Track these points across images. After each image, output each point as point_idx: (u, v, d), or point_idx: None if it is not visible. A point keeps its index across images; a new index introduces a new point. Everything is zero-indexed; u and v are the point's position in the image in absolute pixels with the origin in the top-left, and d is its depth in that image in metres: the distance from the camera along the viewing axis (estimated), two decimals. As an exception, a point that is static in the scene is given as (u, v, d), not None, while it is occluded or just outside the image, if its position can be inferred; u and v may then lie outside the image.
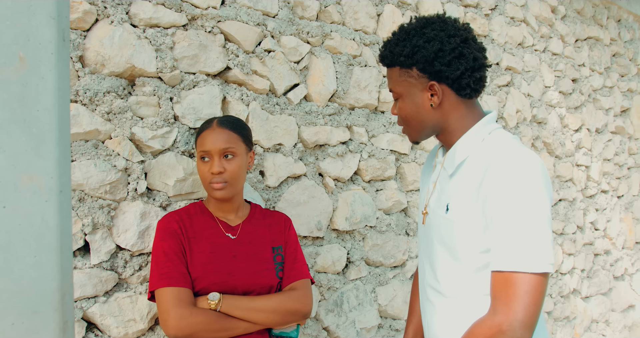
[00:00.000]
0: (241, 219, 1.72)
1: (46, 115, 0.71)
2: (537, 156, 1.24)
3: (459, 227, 1.30)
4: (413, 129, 1.43)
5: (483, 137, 1.35)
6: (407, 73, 1.37)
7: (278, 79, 2.14)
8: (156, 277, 1.51)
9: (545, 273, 1.15)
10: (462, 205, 1.30)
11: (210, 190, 1.63)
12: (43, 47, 0.71)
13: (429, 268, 1.45)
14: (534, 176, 1.20)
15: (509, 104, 3.29)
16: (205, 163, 1.63)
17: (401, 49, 1.35)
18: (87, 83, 1.65)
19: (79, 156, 1.64)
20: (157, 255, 1.56)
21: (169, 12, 1.82)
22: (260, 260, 1.64)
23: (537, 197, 1.18)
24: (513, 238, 1.17)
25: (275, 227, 1.75)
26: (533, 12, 3.54)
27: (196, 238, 1.61)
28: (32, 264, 0.70)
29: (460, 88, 1.34)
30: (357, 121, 2.45)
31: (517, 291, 1.13)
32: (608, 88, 4.32)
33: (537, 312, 1.14)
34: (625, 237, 4.48)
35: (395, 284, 2.61)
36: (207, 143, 1.63)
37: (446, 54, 1.31)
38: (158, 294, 1.49)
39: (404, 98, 1.40)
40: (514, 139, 1.33)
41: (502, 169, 1.21)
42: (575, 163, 3.92)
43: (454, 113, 1.37)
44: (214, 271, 1.56)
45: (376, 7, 2.55)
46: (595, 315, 4.14)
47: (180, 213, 1.66)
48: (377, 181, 2.55)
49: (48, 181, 0.71)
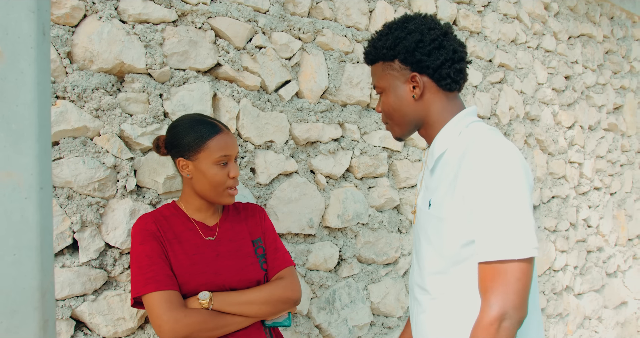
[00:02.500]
0: (217, 217, 1.67)
1: (25, 110, 0.69)
2: (513, 145, 1.25)
3: (441, 222, 1.31)
4: (396, 124, 1.45)
5: (460, 130, 1.36)
6: (389, 66, 1.41)
7: (269, 76, 2.12)
8: (142, 282, 1.45)
9: (532, 257, 1.17)
10: (442, 199, 1.31)
11: (224, 196, 1.58)
12: (22, 42, 0.69)
13: (417, 266, 1.46)
14: (510, 163, 1.20)
15: (501, 101, 3.29)
16: (223, 167, 1.56)
17: (384, 42, 1.39)
18: (75, 79, 1.63)
19: (67, 153, 1.62)
20: (139, 259, 1.49)
21: (159, 8, 1.80)
22: (243, 255, 1.62)
23: (515, 183, 1.18)
24: (496, 226, 1.17)
25: (251, 220, 1.72)
26: (526, 9, 3.54)
27: (176, 240, 1.56)
28: (11, 262, 0.69)
29: (441, 78, 1.37)
30: (349, 118, 2.44)
31: (508, 279, 1.15)
32: (601, 85, 4.32)
33: (527, 294, 1.16)
34: (617, 234, 4.50)
35: (387, 281, 2.61)
36: (228, 147, 1.56)
37: (426, 45, 1.35)
38: (147, 299, 1.44)
39: (387, 92, 1.43)
40: (490, 130, 1.33)
41: (477, 158, 1.22)
42: (568, 160, 3.92)
43: (434, 105, 1.40)
44: (199, 273, 1.53)
45: (368, 4, 2.54)
46: (588, 311, 4.15)
47: (156, 215, 1.59)
48: (370, 178, 2.54)
49: (28, 177, 0.70)
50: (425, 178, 1.46)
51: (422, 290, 1.41)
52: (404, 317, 2.69)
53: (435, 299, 1.37)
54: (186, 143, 1.54)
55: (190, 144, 1.54)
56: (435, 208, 1.33)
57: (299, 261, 2.24)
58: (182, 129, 1.57)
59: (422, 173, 1.50)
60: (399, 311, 2.65)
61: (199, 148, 1.53)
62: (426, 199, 1.40)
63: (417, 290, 1.44)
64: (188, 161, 1.55)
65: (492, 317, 1.14)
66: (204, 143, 1.53)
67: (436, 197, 1.34)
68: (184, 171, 1.57)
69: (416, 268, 1.46)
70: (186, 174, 1.57)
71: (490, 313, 1.15)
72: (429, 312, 1.39)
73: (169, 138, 1.59)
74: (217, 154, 1.53)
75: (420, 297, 1.42)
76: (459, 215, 1.26)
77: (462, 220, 1.26)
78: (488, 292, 1.17)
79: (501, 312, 1.14)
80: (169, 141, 1.59)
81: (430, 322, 1.38)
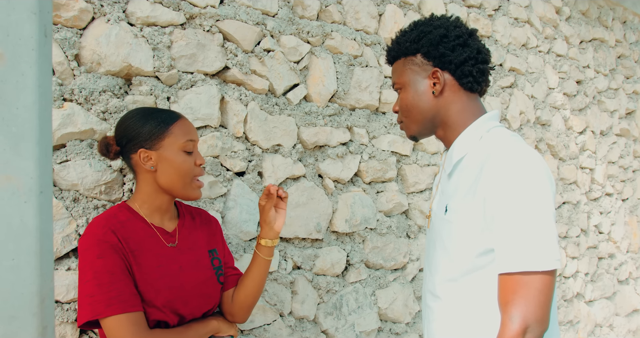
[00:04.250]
0: (174, 222, 1.54)
1: (26, 113, 0.68)
2: (536, 153, 1.21)
3: (457, 228, 1.28)
4: (413, 121, 1.42)
5: (481, 134, 1.32)
6: (411, 61, 1.40)
7: (277, 79, 2.11)
8: (103, 303, 1.28)
9: (554, 270, 1.13)
10: (460, 205, 1.28)
11: (191, 189, 1.46)
12: (23, 43, 0.68)
13: (429, 273, 1.43)
14: (535, 171, 1.16)
15: (512, 106, 3.26)
16: (189, 155, 1.45)
17: (408, 37, 1.39)
18: (82, 82, 1.63)
19: (74, 156, 1.62)
20: (97, 275, 1.30)
21: (167, 11, 1.80)
22: (202, 267, 1.52)
23: (539, 193, 1.14)
24: (519, 237, 1.13)
25: (206, 228, 1.61)
26: (537, 13, 3.51)
27: (139, 251, 1.40)
28: (9, 267, 0.68)
29: (463, 75, 1.35)
30: (358, 122, 2.42)
31: (530, 291, 1.11)
32: (613, 90, 4.28)
33: (549, 308, 1.13)
34: (629, 241, 4.44)
35: (395, 287, 2.58)
36: (192, 131, 1.46)
37: (451, 40, 1.34)
38: (110, 322, 1.29)
39: (407, 87, 1.41)
40: (513, 136, 1.29)
41: (500, 165, 1.18)
42: (580, 166, 3.88)
43: (454, 104, 1.37)
44: (166, 287, 1.41)
45: (378, 7, 2.53)
46: (599, 319, 4.10)
47: (111, 221, 1.40)
48: (378, 183, 2.52)
49: (27, 181, 0.69)
50: (442, 183, 1.42)
51: (434, 297, 1.38)
52: (412, 323, 2.66)
53: (446, 306, 1.34)
54: (146, 131, 1.42)
55: (151, 131, 1.42)
56: (451, 214, 1.30)
57: (306, 265, 2.22)
58: (138, 119, 1.44)
59: (439, 177, 1.46)
60: (406, 317, 2.62)
61: (163, 135, 1.42)
62: (442, 204, 1.36)
63: (429, 296, 1.41)
64: (150, 152, 1.42)
65: (514, 331, 1.10)
66: (167, 129, 1.43)
67: (453, 203, 1.30)
68: (146, 163, 1.42)
69: (428, 274, 1.43)
70: (149, 167, 1.42)
71: (512, 327, 1.11)
72: (439, 318, 1.36)
73: (121, 132, 1.45)
74: (183, 138, 1.43)
75: (432, 304, 1.39)
76: (477, 222, 1.23)
77: (480, 228, 1.22)
78: (509, 304, 1.13)
79: (524, 326, 1.10)
80: (121, 135, 1.45)
81: (441, 329, 1.36)
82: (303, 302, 2.22)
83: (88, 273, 1.31)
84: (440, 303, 1.35)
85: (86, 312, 1.29)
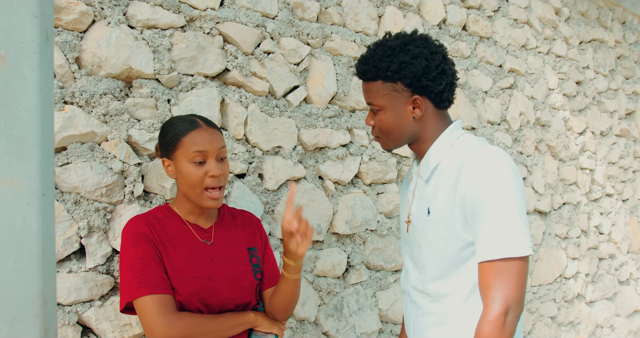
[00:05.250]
0: (212, 221, 1.60)
1: (28, 116, 0.69)
2: (503, 151, 1.35)
3: (443, 227, 1.39)
4: (391, 140, 1.50)
5: (452, 142, 1.45)
6: (391, 87, 1.43)
7: (277, 81, 2.12)
8: (134, 286, 1.39)
9: (528, 255, 1.26)
10: (441, 206, 1.39)
11: (203, 199, 1.49)
12: (25, 47, 0.69)
13: (414, 271, 1.52)
14: (506, 169, 1.30)
15: (512, 107, 3.26)
16: (199, 165, 1.47)
17: (387, 65, 1.41)
18: (83, 85, 1.63)
19: (75, 159, 1.62)
20: (131, 262, 1.42)
21: (167, 14, 1.80)
22: (237, 262, 1.57)
23: (511, 187, 1.28)
24: (497, 228, 1.26)
25: (248, 228, 1.66)
26: (536, 14, 3.52)
27: (170, 242, 1.49)
28: (12, 269, 0.68)
29: (440, 101, 1.45)
30: (358, 124, 2.43)
31: (509, 275, 1.23)
32: (613, 91, 4.28)
33: (525, 290, 1.26)
34: (630, 241, 4.44)
35: (396, 288, 2.58)
36: (204, 143, 1.46)
37: (431, 71, 1.40)
38: (139, 303, 1.38)
39: (386, 110, 1.45)
40: (480, 140, 1.44)
41: (474, 167, 1.32)
42: (580, 166, 3.88)
43: (430, 123, 1.47)
44: (193, 277, 1.47)
45: (377, 9, 2.53)
46: (600, 320, 4.10)
47: (147, 217, 1.51)
48: (378, 184, 2.53)
49: (30, 184, 0.69)
50: (418, 188, 1.52)
51: (422, 294, 1.48)
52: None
53: (436, 301, 1.43)
54: (165, 141, 1.50)
55: (168, 142, 1.49)
56: (436, 215, 1.41)
57: (307, 267, 2.23)
58: (165, 129, 1.52)
59: (414, 183, 1.54)
60: (407, 318, 2.62)
61: (175, 146, 1.47)
62: (423, 207, 1.46)
63: (414, 293, 1.51)
64: (169, 161, 1.50)
65: (497, 311, 1.21)
66: (179, 140, 1.47)
67: (435, 204, 1.41)
68: (168, 171, 1.51)
69: (414, 273, 1.52)
70: (170, 175, 1.51)
71: (495, 307, 1.22)
72: (430, 314, 1.46)
73: (158, 139, 1.55)
74: (190, 150, 1.45)
75: (419, 300, 1.49)
76: (458, 219, 1.35)
77: (461, 223, 1.35)
78: (490, 288, 1.24)
79: (505, 306, 1.21)
80: (158, 142, 1.56)
81: (432, 323, 1.45)
82: (304, 304, 2.22)
83: (124, 261, 1.44)
84: (429, 299, 1.45)
85: (123, 296, 1.41)
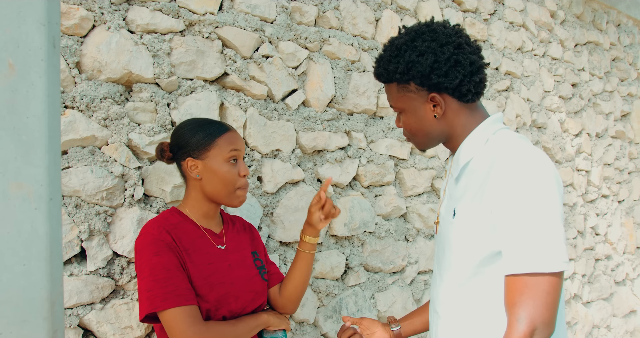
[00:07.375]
0: (220, 225, 1.64)
1: (36, 122, 0.70)
2: (544, 154, 1.20)
3: (465, 231, 1.27)
4: (420, 141, 1.41)
5: (487, 137, 1.31)
6: (405, 88, 1.34)
7: (276, 85, 2.13)
8: (160, 297, 1.36)
9: (562, 271, 1.12)
10: (467, 208, 1.27)
11: (234, 198, 1.54)
12: (33, 54, 0.70)
13: (439, 278, 1.41)
14: (542, 173, 1.15)
15: (508, 109, 3.28)
16: (233, 165, 1.53)
17: (395, 66, 1.31)
18: (83, 89, 1.65)
19: (76, 163, 1.63)
20: (154, 271, 1.39)
21: (166, 18, 1.82)
22: (248, 266, 1.63)
23: (547, 194, 1.13)
24: (527, 238, 1.12)
25: (246, 233, 1.72)
26: (532, 16, 3.54)
27: (192, 249, 1.50)
28: (20, 273, 0.69)
29: (462, 95, 1.31)
30: (356, 127, 2.44)
31: (538, 293, 1.10)
32: (608, 93, 4.31)
33: (556, 310, 1.11)
34: (626, 242, 4.47)
35: (394, 290, 2.60)
36: (238, 143, 1.54)
37: (442, 65, 1.27)
38: (168, 315, 1.37)
39: (407, 112, 1.37)
40: (520, 138, 1.28)
41: (508, 167, 1.17)
42: (576, 168, 3.90)
43: (458, 119, 1.34)
44: (218, 283, 1.50)
45: (374, 13, 2.55)
46: (596, 320, 4.12)
47: (164, 223, 1.49)
48: (376, 187, 2.54)
49: (38, 188, 0.70)
50: (449, 187, 1.40)
51: (443, 302, 1.37)
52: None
53: (453, 310, 1.33)
54: (195, 141, 1.52)
55: (199, 142, 1.52)
56: (460, 217, 1.28)
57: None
58: (189, 129, 1.55)
59: (446, 181, 1.44)
60: (406, 320, 2.63)
61: (209, 146, 1.51)
62: (450, 208, 1.35)
63: (437, 301, 1.40)
64: (197, 161, 1.52)
65: (522, 332, 1.09)
66: (214, 140, 1.52)
67: (461, 206, 1.29)
68: (192, 171, 1.52)
69: (438, 279, 1.41)
70: (195, 175, 1.52)
71: (519, 328, 1.09)
72: (447, 323, 1.35)
73: (174, 140, 1.56)
74: (228, 149, 1.52)
75: (440, 309, 1.38)
76: (484, 225, 1.21)
77: (488, 230, 1.21)
78: (516, 306, 1.11)
79: (532, 328, 1.08)
80: (174, 143, 1.56)
81: (447, 332, 1.36)
82: (303, 306, 2.23)
83: (145, 270, 1.40)
84: (446, 308, 1.35)
85: (145, 306, 1.38)
